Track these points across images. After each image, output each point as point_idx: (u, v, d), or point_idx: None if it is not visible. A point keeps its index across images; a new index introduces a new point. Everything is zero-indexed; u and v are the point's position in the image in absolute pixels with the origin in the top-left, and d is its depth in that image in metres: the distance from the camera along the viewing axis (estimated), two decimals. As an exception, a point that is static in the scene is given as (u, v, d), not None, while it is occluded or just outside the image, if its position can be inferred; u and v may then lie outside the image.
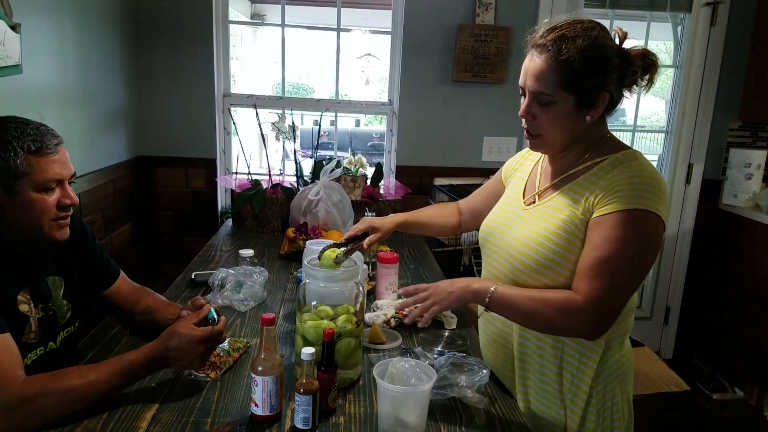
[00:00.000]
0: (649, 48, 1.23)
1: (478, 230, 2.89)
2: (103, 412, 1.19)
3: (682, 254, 3.59)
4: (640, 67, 1.22)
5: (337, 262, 1.41)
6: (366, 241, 1.60)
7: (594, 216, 1.20)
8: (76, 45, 2.39)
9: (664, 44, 3.55)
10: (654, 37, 3.40)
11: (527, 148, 1.54)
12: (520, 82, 1.27)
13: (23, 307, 1.29)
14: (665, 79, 3.54)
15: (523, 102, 1.27)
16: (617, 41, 1.24)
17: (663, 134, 3.60)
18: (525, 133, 1.31)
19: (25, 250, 1.33)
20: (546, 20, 1.27)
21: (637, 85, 1.25)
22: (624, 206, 1.16)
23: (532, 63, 1.23)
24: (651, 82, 1.25)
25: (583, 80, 1.19)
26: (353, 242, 1.60)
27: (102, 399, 1.19)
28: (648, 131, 4.21)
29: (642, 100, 3.66)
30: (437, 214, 1.77)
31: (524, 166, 1.50)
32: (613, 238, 1.16)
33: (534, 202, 1.36)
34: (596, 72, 1.19)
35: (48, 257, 1.41)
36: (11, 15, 1.85)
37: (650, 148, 4.06)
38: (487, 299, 1.27)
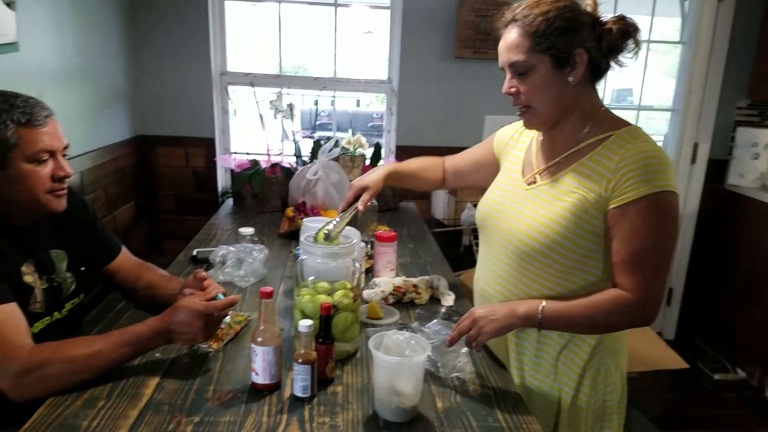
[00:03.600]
0: (655, 23, 1.23)
1: (459, 191, 2.83)
2: (109, 380, 1.22)
3: (686, 234, 3.58)
4: (614, 26, 1.21)
5: (329, 238, 1.41)
6: (360, 204, 1.54)
7: (613, 206, 1.19)
8: (73, 22, 2.39)
9: (673, 20, 3.49)
10: (660, 12, 3.33)
11: (520, 122, 1.47)
12: (500, 63, 1.28)
13: (28, 278, 1.31)
14: (674, 56, 3.50)
15: (505, 80, 1.28)
16: (589, 10, 1.24)
17: (669, 113, 3.57)
18: (518, 111, 1.30)
19: (27, 224, 1.36)
20: (516, 4, 1.26)
21: (621, 51, 1.24)
22: (644, 192, 1.16)
23: (504, 39, 1.25)
24: (637, 47, 1.24)
25: (551, 38, 1.19)
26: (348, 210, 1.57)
27: (107, 369, 1.22)
28: (654, 110, 4.16)
29: (652, 79, 3.64)
30: (424, 167, 1.73)
31: (519, 143, 1.47)
32: (642, 227, 1.17)
33: (535, 182, 1.34)
34: (565, 29, 1.19)
35: (51, 231, 1.43)
36: (7, -8, 1.85)
37: (657, 128, 4.02)
38: (539, 321, 1.25)
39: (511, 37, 1.23)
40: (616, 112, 1.31)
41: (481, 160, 1.61)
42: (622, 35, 1.22)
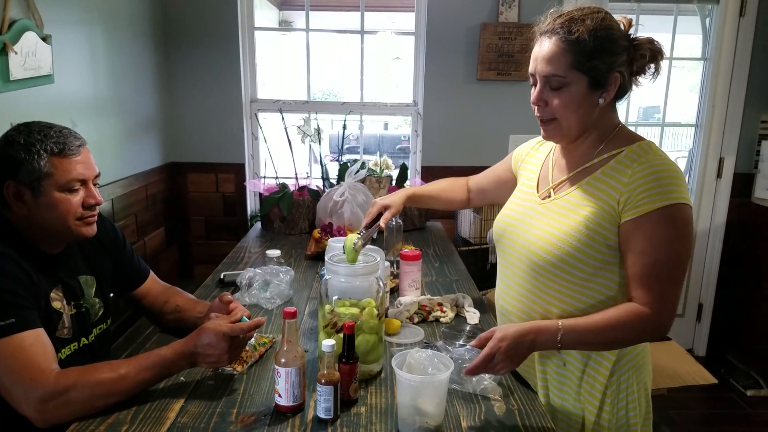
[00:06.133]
0: (676, 41, 1.23)
1: (484, 210, 2.85)
2: (133, 404, 1.23)
3: (714, 250, 3.52)
4: (648, 51, 1.22)
5: (356, 249, 1.43)
6: (382, 221, 1.66)
7: (626, 219, 1.19)
8: (106, 55, 2.48)
9: (696, 37, 3.48)
10: (681, 30, 3.34)
11: (537, 139, 1.53)
12: (530, 69, 1.27)
13: (56, 304, 1.34)
14: (698, 73, 3.48)
15: (535, 89, 1.27)
16: (623, 28, 1.24)
17: (693, 128, 3.54)
18: (539, 121, 1.30)
19: (58, 251, 1.39)
20: (551, 10, 1.28)
21: (644, 74, 1.25)
22: (657, 204, 1.16)
23: (542, 48, 1.23)
24: (657, 71, 1.25)
25: (594, 59, 1.19)
26: (371, 227, 1.66)
27: (132, 393, 1.23)
28: (677, 125, 4.09)
29: (676, 95, 3.61)
30: (446, 189, 1.82)
31: (535, 158, 1.49)
32: (657, 241, 1.17)
33: (549, 196, 1.35)
34: (607, 51, 1.19)
35: (80, 257, 1.47)
36: (42, 27, 1.93)
37: (683, 144, 3.97)
38: (558, 345, 1.23)
39: (551, 48, 1.21)
40: (642, 130, 1.31)
41: (501, 177, 1.66)
42: (650, 59, 1.23)
